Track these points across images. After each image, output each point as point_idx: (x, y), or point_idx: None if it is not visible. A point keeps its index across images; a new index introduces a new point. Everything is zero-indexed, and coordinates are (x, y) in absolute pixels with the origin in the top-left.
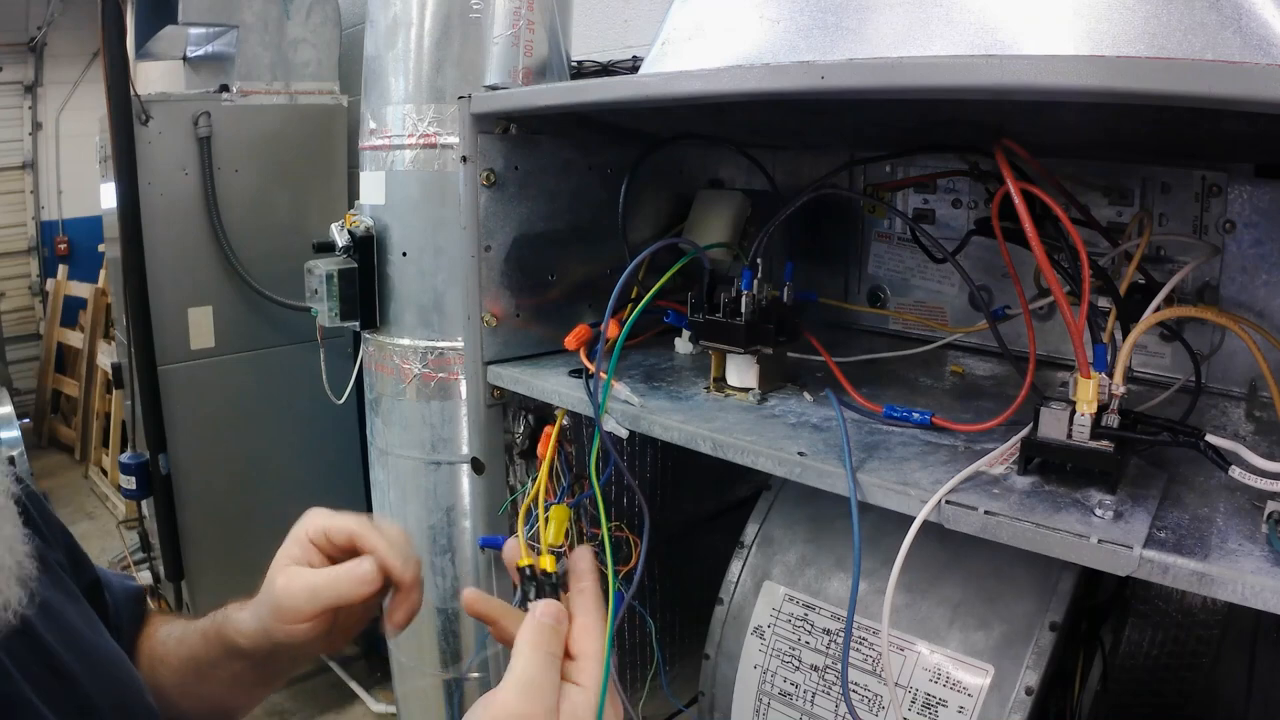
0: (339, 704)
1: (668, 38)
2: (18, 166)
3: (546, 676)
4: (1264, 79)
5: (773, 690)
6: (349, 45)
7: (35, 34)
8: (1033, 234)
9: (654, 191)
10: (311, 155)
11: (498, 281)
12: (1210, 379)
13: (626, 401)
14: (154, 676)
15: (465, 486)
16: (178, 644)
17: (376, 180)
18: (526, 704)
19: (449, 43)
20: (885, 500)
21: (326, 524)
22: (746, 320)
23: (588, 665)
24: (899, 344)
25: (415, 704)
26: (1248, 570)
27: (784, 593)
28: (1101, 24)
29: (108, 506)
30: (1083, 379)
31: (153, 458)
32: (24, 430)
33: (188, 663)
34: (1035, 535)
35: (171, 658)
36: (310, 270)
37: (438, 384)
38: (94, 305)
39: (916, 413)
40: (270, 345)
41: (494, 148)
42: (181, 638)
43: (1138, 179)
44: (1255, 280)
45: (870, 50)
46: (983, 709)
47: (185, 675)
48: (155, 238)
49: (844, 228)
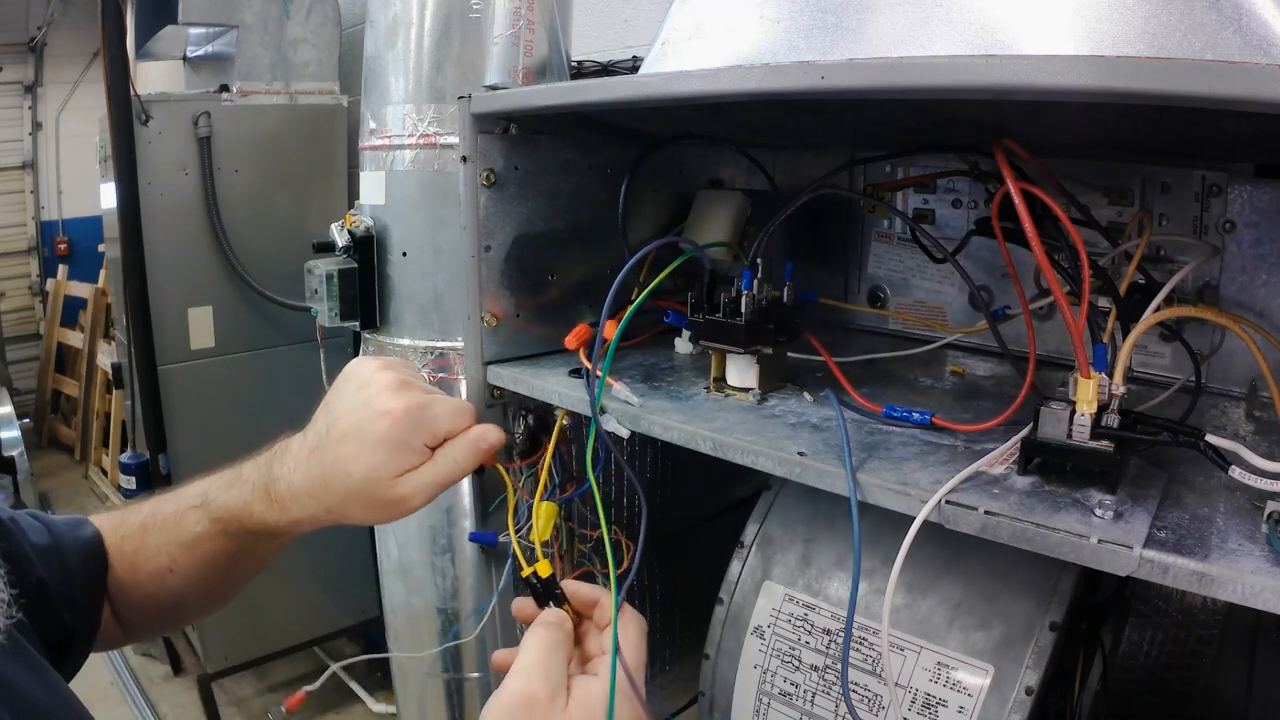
0: (339, 704)
1: (668, 38)
2: (18, 166)
3: (549, 661)
4: (1264, 79)
5: (773, 690)
6: (349, 45)
7: (35, 34)
8: (1033, 234)
9: (654, 191)
10: (311, 155)
11: (498, 281)
12: (1210, 379)
13: (626, 401)
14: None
15: (465, 486)
16: (187, 551)
17: (376, 180)
18: (528, 684)
19: (449, 43)
20: (885, 500)
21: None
22: (746, 320)
23: (609, 660)
24: (899, 344)
25: (415, 704)
26: (1248, 570)
27: (784, 593)
28: (1101, 24)
29: (108, 507)
30: (1083, 379)
31: (153, 458)
32: (24, 430)
33: (213, 562)
34: (1035, 535)
35: (182, 565)
36: (310, 270)
37: (438, 384)
38: (94, 305)
39: (916, 413)
40: (270, 345)
41: (494, 148)
42: (189, 543)
43: (1138, 179)
44: (1255, 280)
45: (870, 50)
46: (983, 709)
47: (211, 573)
48: (155, 238)
49: (844, 228)
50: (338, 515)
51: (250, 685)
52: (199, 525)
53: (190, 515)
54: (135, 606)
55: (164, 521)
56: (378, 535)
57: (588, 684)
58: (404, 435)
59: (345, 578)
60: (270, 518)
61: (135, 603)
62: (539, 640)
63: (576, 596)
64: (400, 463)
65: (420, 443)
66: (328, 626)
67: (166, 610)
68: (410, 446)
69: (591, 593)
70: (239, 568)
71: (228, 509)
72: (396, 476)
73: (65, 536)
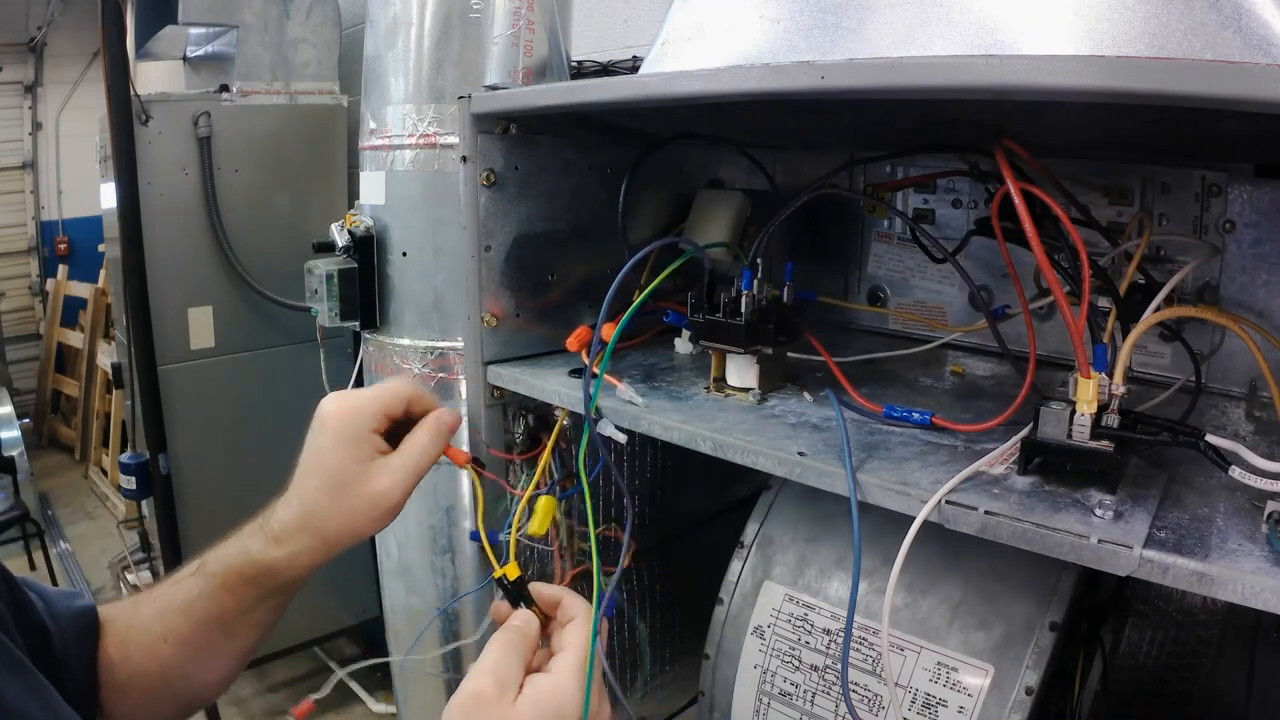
0: (339, 704)
1: (668, 38)
2: (18, 166)
3: (502, 661)
4: (1264, 79)
5: (773, 690)
6: (349, 45)
7: (35, 34)
8: (1033, 234)
9: (654, 191)
10: (311, 155)
11: (498, 281)
12: (1210, 379)
13: (630, 402)
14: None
15: (465, 486)
16: (181, 616)
17: (376, 180)
18: (478, 682)
19: (449, 43)
20: (885, 500)
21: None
22: (746, 320)
23: (561, 658)
24: (899, 344)
25: (415, 704)
26: (1248, 570)
27: (784, 593)
28: (1101, 24)
29: (108, 506)
30: (1083, 379)
31: (153, 458)
32: (24, 430)
33: (210, 626)
34: (1035, 535)
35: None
36: (310, 270)
37: (438, 384)
38: (94, 305)
39: (916, 413)
40: (270, 345)
41: (494, 148)
42: (183, 608)
43: (1138, 179)
44: (1255, 280)
45: (870, 50)
46: (983, 709)
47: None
48: (155, 238)
49: (844, 228)
50: (332, 540)
51: (250, 685)
52: (194, 588)
53: (186, 581)
54: (121, 689)
55: (155, 593)
56: (378, 535)
57: (538, 680)
58: (349, 427)
59: (345, 578)
60: (267, 556)
61: (121, 682)
62: (496, 641)
63: (541, 597)
64: (360, 454)
65: (367, 429)
66: (328, 626)
67: (161, 690)
68: (360, 436)
69: (554, 593)
70: (239, 631)
71: (224, 561)
72: (365, 469)
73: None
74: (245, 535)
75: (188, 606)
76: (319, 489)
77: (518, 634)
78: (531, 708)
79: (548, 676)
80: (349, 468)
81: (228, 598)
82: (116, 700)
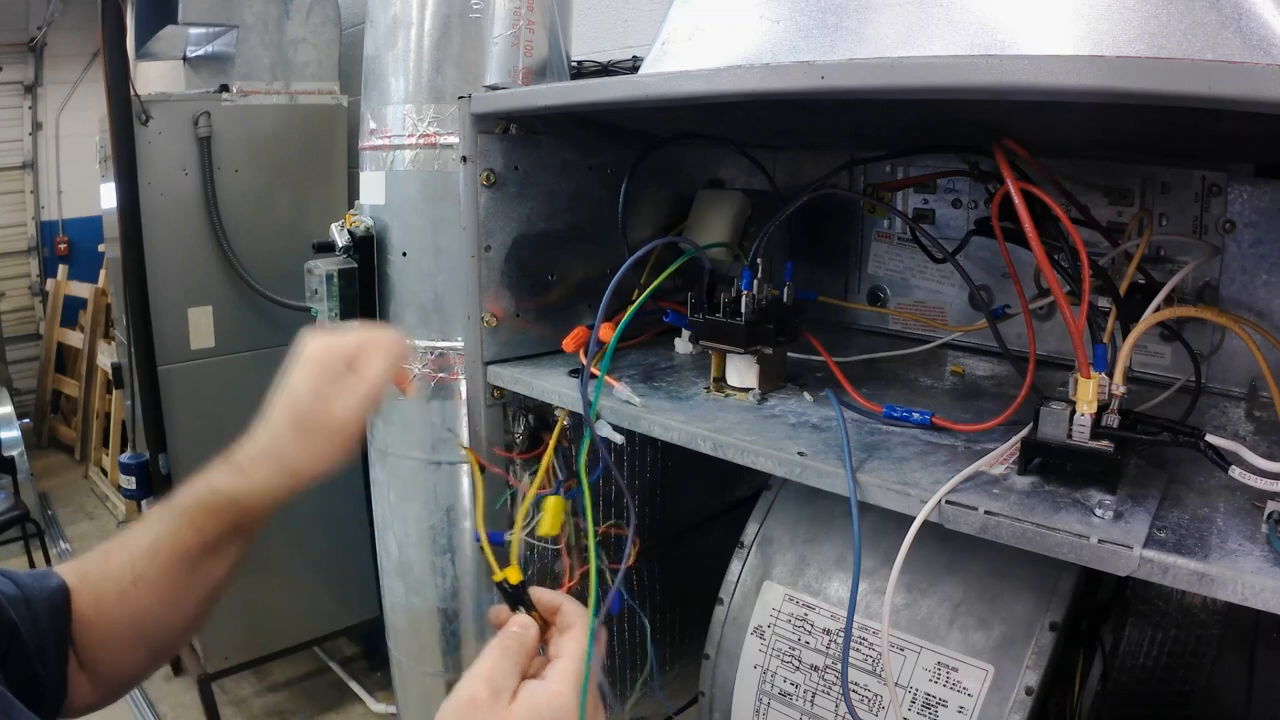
0: (339, 704)
1: (668, 38)
2: (18, 166)
3: (498, 666)
4: (1264, 79)
5: (773, 690)
6: (349, 45)
7: (35, 34)
8: (1033, 234)
9: (654, 191)
10: (311, 155)
11: (498, 281)
12: (1210, 379)
13: (628, 401)
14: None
15: (465, 486)
16: (148, 559)
17: (376, 180)
18: (472, 686)
19: (449, 43)
20: (885, 500)
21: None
22: (746, 320)
23: (558, 665)
24: (899, 344)
25: (415, 704)
26: (1248, 570)
27: (784, 593)
28: (1101, 24)
29: (108, 506)
30: (1083, 379)
31: (153, 458)
32: (24, 430)
33: (176, 564)
34: (1035, 535)
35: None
36: (310, 270)
37: (438, 384)
38: (94, 305)
39: (916, 413)
40: (270, 345)
41: (494, 148)
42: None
43: (1138, 179)
44: (1255, 280)
45: (870, 50)
46: (983, 709)
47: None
48: (155, 238)
49: (844, 228)
50: (298, 470)
51: (250, 685)
52: (161, 526)
53: (153, 521)
54: (100, 643)
55: (126, 539)
56: (378, 535)
57: (534, 686)
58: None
59: (345, 578)
60: (231, 486)
61: (99, 637)
62: (493, 646)
63: (540, 602)
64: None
65: (339, 363)
66: (328, 626)
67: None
68: (332, 369)
69: (554, 599)
70: (204, 566)
71: (191, 495)
72: (326, 401)
73: (32, 588)
74: (213, 469)
75: (154, 547)
76: (285, 420)
77: (515, 640)
78: (526, 714)
79: (544, 684)
80: (315, 402)
81: (192, 532)
82: (98, 654)
